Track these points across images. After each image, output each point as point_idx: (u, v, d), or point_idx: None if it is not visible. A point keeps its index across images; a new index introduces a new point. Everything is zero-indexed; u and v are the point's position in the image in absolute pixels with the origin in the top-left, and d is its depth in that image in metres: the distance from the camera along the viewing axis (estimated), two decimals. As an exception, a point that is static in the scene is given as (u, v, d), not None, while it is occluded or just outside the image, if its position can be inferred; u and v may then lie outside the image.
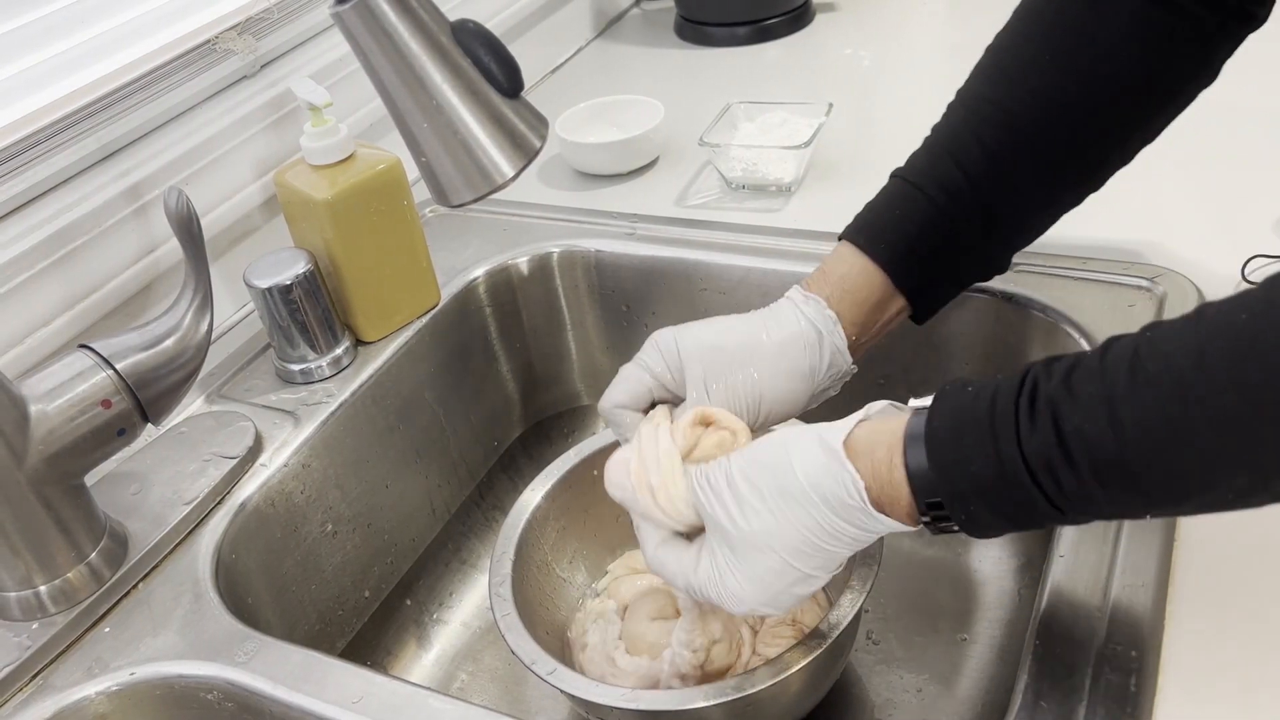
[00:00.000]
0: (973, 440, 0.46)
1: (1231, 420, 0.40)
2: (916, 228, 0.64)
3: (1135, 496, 0.44)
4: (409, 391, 0.83)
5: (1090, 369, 0.44)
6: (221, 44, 0.84)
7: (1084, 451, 0.43)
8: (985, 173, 0.63)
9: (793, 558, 0.51)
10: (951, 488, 0.47)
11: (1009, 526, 0.48)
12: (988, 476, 0.45)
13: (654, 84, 1.20)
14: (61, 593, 0.62)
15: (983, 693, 0.70)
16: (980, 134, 0.63)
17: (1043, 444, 0.43)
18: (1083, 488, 0.43)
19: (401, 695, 0.56)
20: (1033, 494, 0.44)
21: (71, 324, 0.74)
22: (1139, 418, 0.41)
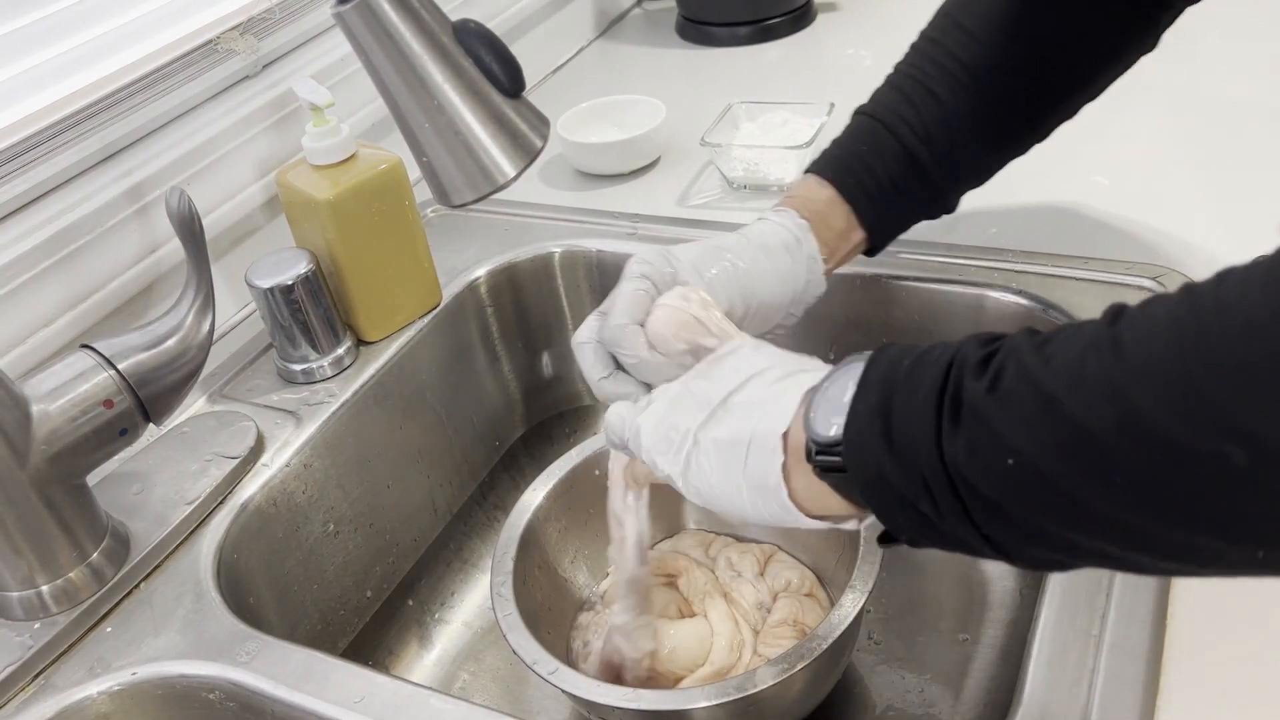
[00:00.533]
0: (919, 352, 0.44)
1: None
2: (881, 164, 0.67)
3: (1026, 425, 0.38)
4: (411, 391, 0.83)
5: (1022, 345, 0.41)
6: (223, 44, 0.84)
7: (1006, 360, 0.40)
8: (943, 115, 0.66)
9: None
10: (867, 378, 0.45)
11: (884, 447, 0.43)
12: (906, 377, 0.43)
13: (655, 84, 1.20)
14: (63, 592, 0.62)
15: (985, 693, 0.70)
16: (939, 79, 0.67)
17: (974, 352, 0.42)
18: (977, 392, 0.40)
19: (403, 695, 0.56)
20: (929, 395, 0.41)
21: (73, 324, 0.74)
22: (1072, 356, 0.38)
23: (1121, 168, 0.88)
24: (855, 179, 0.67)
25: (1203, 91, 0.90)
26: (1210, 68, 1.00)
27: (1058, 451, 0.37)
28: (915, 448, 0.41)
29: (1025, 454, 0.38)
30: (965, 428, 0.40)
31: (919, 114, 0.67)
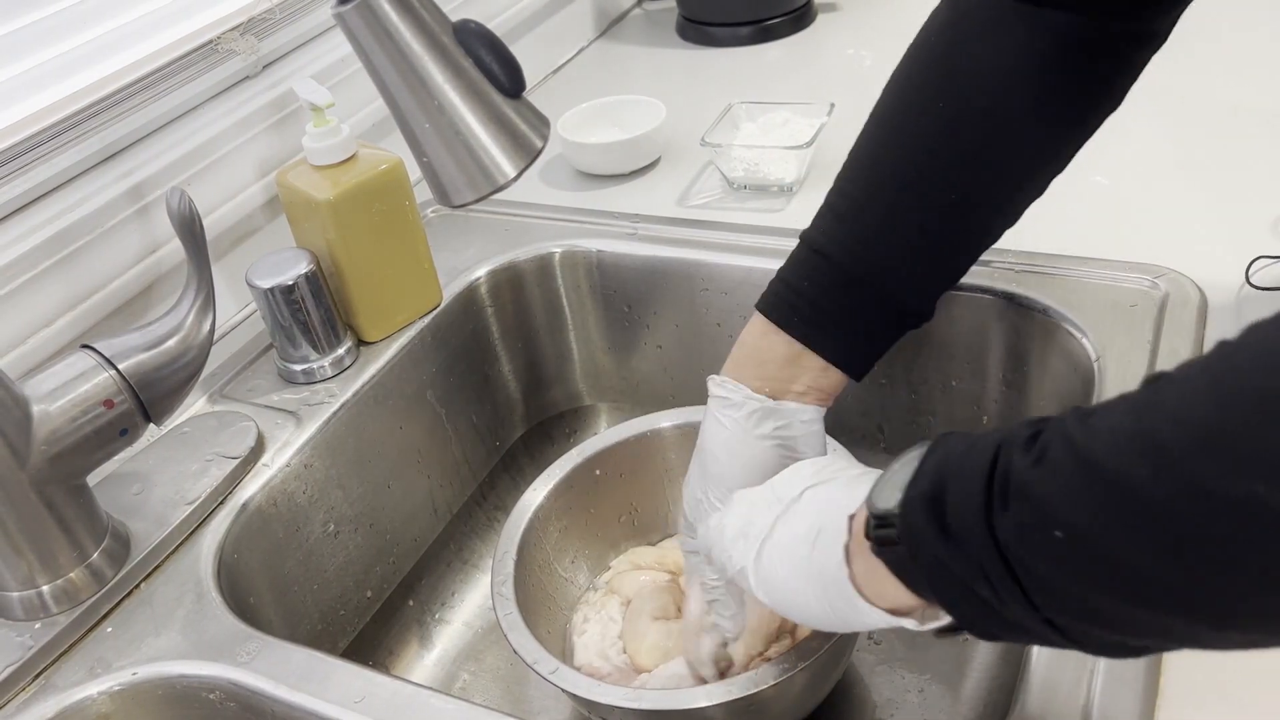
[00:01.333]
0: (975, 439, 0.43)
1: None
2: (823, 293, 0.62)
3: (1075, 499, 0.37)
4: (411, 391, 0.83)
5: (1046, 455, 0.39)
6: (223, 44, 0.84)
7: (1051, 438, 0.38)
8: (884, 233, 0.61)
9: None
10: (928, 580, 0.43)
11: (935, 528, 0.42)
12: (961, 460, 0.42)
13: (656, 84, 1.20)
14: (64, 592, 0.62)
15: (985, 693, 0.70)
16: (875, 193, 0.62)
17: (1019, 434, 0.40)
18: (1025, 469, 0.38)
19: (403, 695, 0.56)
20: (980, 474, 0.40)
21: (74, 324, 0.74)
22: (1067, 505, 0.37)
23: (1121, 168, 0.88)
24: (800, 315, 0.62)
25: (1202, 92, 0.90)
26: (1209, 68, 1.00)
27: (1101, 514, 0.36)
28: (969, 531, 0.40)
29: (1071, 523, 0.37)
30: (1014, 505, 0.39)
31: (855, 233, 0.62)
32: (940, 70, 0.61)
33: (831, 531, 0.48)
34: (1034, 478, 0.38)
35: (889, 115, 0.64)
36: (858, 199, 0.63)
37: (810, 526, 0.50)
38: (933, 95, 0.61)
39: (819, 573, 0.48)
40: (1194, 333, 0.70)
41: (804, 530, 0.50)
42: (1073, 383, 0.73)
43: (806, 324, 0.62)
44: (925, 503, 0.42)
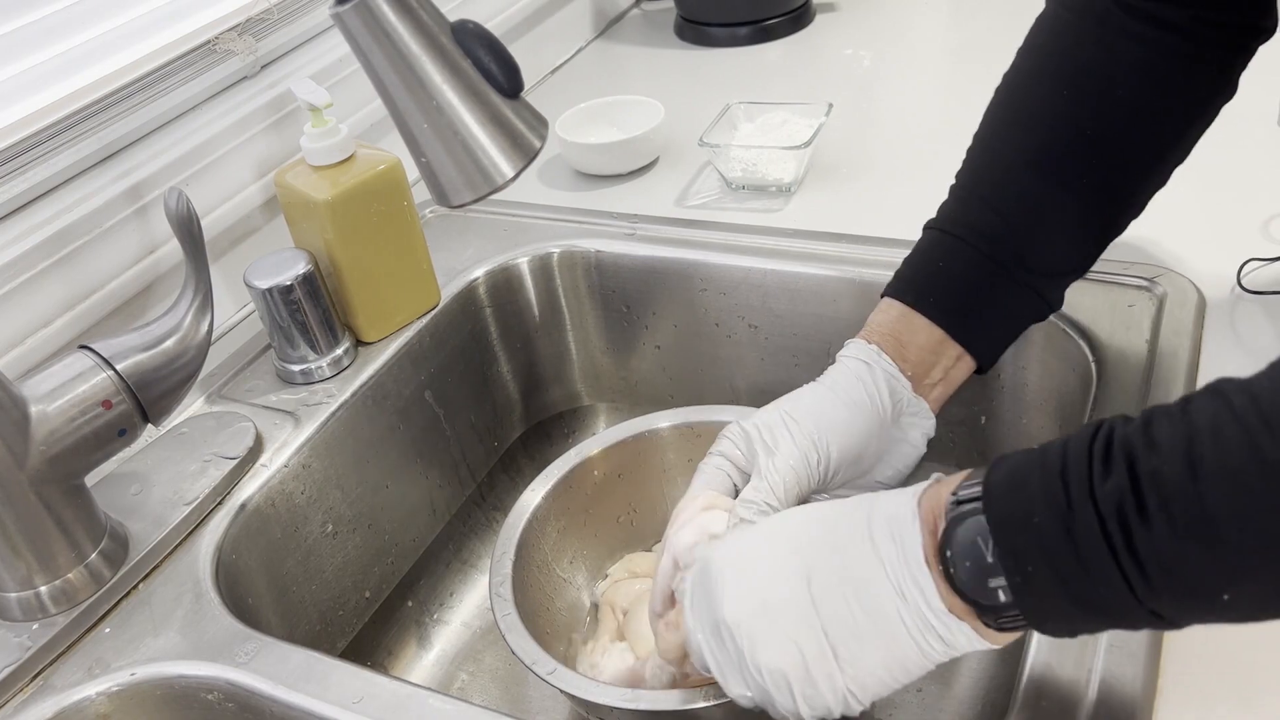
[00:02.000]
0: (1038, 488, 0.41)
1: None
2: (962, 277, 0.62)
3: (1212, 554, 0.37)
4: (409, 392, 0.83)
5: (1171, 414, 0.39)
6: (222, 45, 0.84)
7: (1157, 496, 0.37)
8: (1021, 214, 0.62)
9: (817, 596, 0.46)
10: (1008, 544, 0.41)
11: (1070, 602, 0.41)
12: (1053, 527, 0.40)
13: (654, 84, 1.20)
14: (62, 593, 0.62)
15: (983, 692, 0.70)
16: (1012, 178, 0.62)
17: (1115, 488, 0.38)
18: (1154, 540, 0.37)
19: (402, 695, 0.56)
20: (1100, 550, 0.38)
21: (72, 325, 0.74)
22: (1219, 457, 0.36)
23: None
24: (937, 298, 0.63)
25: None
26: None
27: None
28: (1112, 608, 0.40)
29: (1240, 586, 0.37)
30: (1160, 585, 0.38)
31: (987, 219, 0.62)
32: (1068, 64, 0.62)
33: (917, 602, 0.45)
34: (1176, 556, 0.37)
35: (1017, 107, 0.64)
36: (995, 187, 0.63)
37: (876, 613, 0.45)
38: (1062, 88, 0.62)
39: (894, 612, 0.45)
40: (1192, 333, 0.70)
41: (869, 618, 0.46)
42: (1071, 383, 0.73)
43: (949, 309, 0.62)
44: (1048, 591, 0.41)
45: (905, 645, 0.45)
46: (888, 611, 0.45)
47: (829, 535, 0.48)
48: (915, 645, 0.45)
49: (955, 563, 0.43)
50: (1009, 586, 0.42)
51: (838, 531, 0.48)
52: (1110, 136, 0.61)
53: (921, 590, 0.44)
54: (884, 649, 0.45)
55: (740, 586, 0.49)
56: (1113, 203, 0.63)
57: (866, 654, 0.46)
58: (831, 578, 0.46)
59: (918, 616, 0.44)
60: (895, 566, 0.45)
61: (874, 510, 0.47)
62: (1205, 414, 0.38)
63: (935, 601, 0.44)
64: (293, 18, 0.91)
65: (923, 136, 0.99)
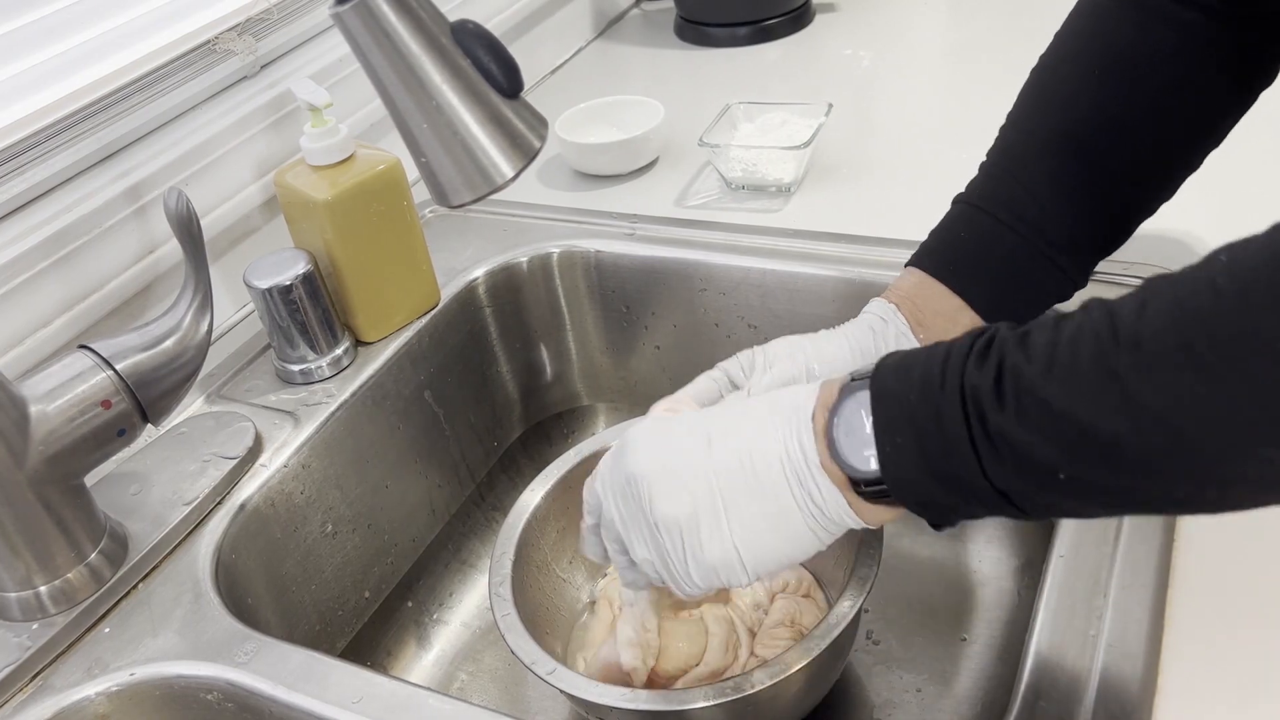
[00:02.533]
0: (920, 370, 0.45)
1: (1166, 365, 0.37)
2: (989, 251, 0.63)
3: (1051, 436, 0.41)
4: (409, 392, 0.83)
5: (1046, 322, 0.43)
6: (221, 44, 0.84)
7: (1014, 386, 0.41)
8: (1048, 192, 0.62)
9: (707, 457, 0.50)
10: (883, 415, 0.46)
11: (927, 475, 0.45)
12: (922, 404, 0.44)
13: (654, 84, 1.20)
14: (61, 593, 0.62)
15: (983, 693, 0.70)
16: (1041, 155, 0.63)
17: (981, 380, 0.42)
18: (1004, 423, 0.41)
19: (401, 695, 0.56)
20: (959, 427, 0.43)
21: (71, 324, 0.74)
22: (1072, 361, 0.40)
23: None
24: (958, 266, 0.64)
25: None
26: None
27: (1118, 385, 0.39)
28: (963, 481, 0.44)
29: (1072, 473, 0.41)
30: (1007, 463, 0.42)
31: (1020, 197, 0.63)
32: (1104, 45, 0.62)
33: (805, 467, 0.49)
34: (1017, 433, 0.41)
35: (1050, 87, 0.64)
36: (1023, 165, 0.63)
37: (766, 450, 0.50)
38: (1095, 70, 0.62)
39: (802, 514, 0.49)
40: (1191, 333, 0.70)
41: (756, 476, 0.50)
42: (1070, 383, 0.73)
43: (968, 278, 0.63)
44: (908, 460, 0.45)
45: (787, 503, 0.49)
46: (774, 468, 0.49)
47: (737, 411, 0.52)
48: (796, 506, 0.49)
49: (837, 431, 0.47)
50: (878, 456, 0.46)
51: (746, 408, 0.52)
52: (1142, 120, 0.61)
53: (804, 450, 0.48)
54: (769, 506, 0.49)
55: (649, 448, 0.53)
56: (1141, 185, 0.64)
57: (753, 508, 0.50)
58: (730, 440, 0.51)
59: (799, 474, 0.48)
60: (786, 430, 0.49)
61: (781, 393, 0.51)
62: (1070, 324, 0.41)
63: (814, 460, 0.48)
64: (292, 18, 0.91)
65: (922, 136, 0.99)
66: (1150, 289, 0.39)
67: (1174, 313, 0.38)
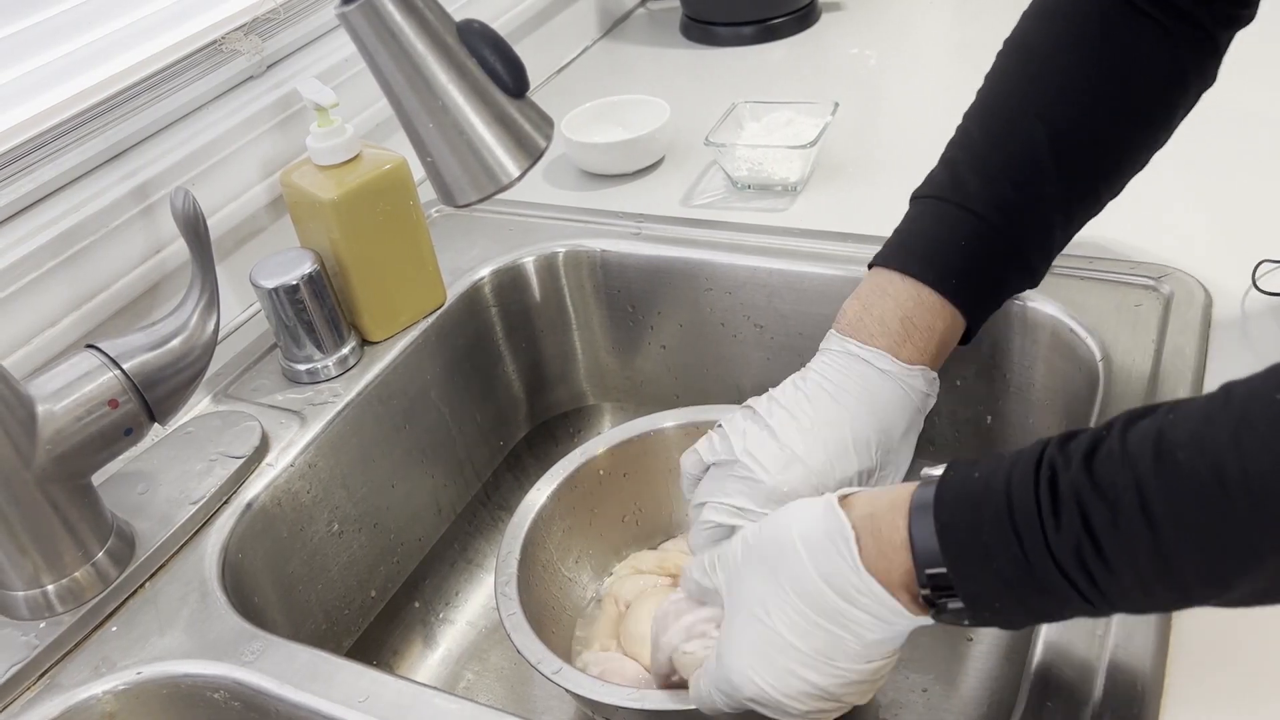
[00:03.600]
0: (993, 535, 0.43)
1: (1273, 503, 0.37)
2: (962, 245, 0.62)
3: (1172, 587, 0.41)
4: (415, 391, 0.83)
5: (1112, 454, 0.41)
6: (228, 44, 0.85)
7: (1116, 546, 0.40)
8: (1014, 186, 0.62)
9: (784, 627, 0.49)
10: (972, 585, 0.44)
11: (1037, 620, 0.46)
12: (1014, 574, 0.43)
13: (660, 84, 1.20)
14: (69, 592, 0.62)
15: (989, 693, 0.70)
16: (1001, 150, 0.63)
17: (1072, 542, 0.41)
18: (1117, 582, 0.41)
19: (407, 695, 0.56)
20: (1066, 592, 0.42)
21: (79, 324, 0.74)
22: (1173, 507, 0.39)
23: (1126, 167, 0.88)
24: (939, 266, 0.62)
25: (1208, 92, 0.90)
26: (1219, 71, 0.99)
27: (1176, 500, 0.39)
28: (1066, 616, 0.46)
29: (1192, 602, 0.42)
30: (1120, 607, 0.44)
31: (981, 186, 0.63)
32: (1064, 47, 0.63)
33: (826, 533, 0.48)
34: (1090, 471, 0.41)
35: (1009, 86, 0.65)
36: (987, 158, 0.64)
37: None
38: (1055, 71, 0.63)
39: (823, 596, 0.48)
40: (1199, 332, 0.70)
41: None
42: (1077, 382, 0.73)
43: (944, 274, 0.62)
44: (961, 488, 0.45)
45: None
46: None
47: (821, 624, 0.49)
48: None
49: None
50: (983, 623, 0.46)
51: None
52: (1102, 118, 0.62)
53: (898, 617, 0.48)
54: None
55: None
56: (1098, 185, 0.65)
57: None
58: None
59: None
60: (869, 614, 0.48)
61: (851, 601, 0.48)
62: (1147, 458, 0.40)
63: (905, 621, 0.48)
64: (299, 17, 0.91)
65: (929, 135, 0.98)
66: (1234, 407, 0.39)
67: (1272, 441, 0.37)
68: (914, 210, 0.66)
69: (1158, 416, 0.41)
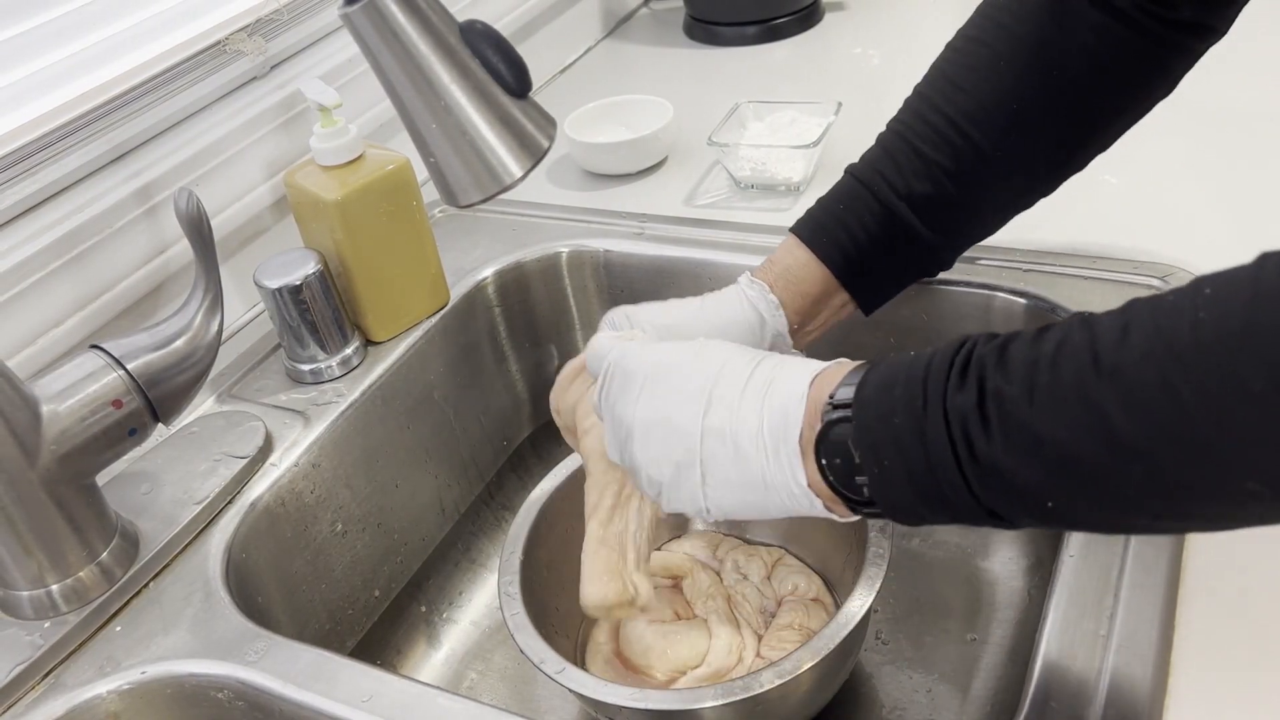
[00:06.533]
0: (901, 391, 0.45)
1: (1146, 399, 0.37)
2: (860, 225, 0.66)
3: (1040, 470, 0.41)
4: (419, 391, 0.83)
5: (1025, 339, 0.43)
6: (231, 45, 0.85)
7: (998, 413, 0.41)
8: (935, 175, 0.64)
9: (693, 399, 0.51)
10: (869, 438, 0.45)
11: (916, 497, 0.45)
12: (909, 429, 0.44)
13: (663, 84, 1.20)
14: (73, 591, 0.62)
15: (993, 693, 0.70)
16: (932, 136, 0.64)
17: (964, 402, 0.42)
18: (991, 453, 0.42)
19: (411, 694, 0.56)
20: (945, 455, 0.43)
21: (83, 324, 0.75)
22: (1053, 383, 0.40)
23: (1129, 167, 0.88)
24: (831, 238, 0.66)
25: (1211, 92, 0.90)
26: (1218, 69, 0.99)
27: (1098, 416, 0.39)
28: (951, 503, 0.44)
29: (1061, 499, 0.41)
30: (995, 488, 0.43)
31: (899, 170, 0.65)
32: (1011, 37, 0.63)
33: (790, 422, 0.49)
34: (1003, 461, 0.41)
35: (959, 69, 0.65)
36: (911, 143, 0.65)
37: (766, 427, 0.50)
38: (1001, 59, 0.63)
39: (771, 468, 0.50)
40: (1203, 332, 0.69)
41: (759, 433, 0.50)
42: (1081, 382, 0.73)
43: (846, 257, 0.66)
44: (881, 384, 0.46)
45: (766, 500, 0.50)
46: (757, 476, 0.50)
47: (732, 386, 0.51)
48: (777, 503, 0.50)
49: (827, 458, 0.47)
50: (868, 480, 0.46)
51: (742, 385, 0.51)
52: (1042, 115, 0.62)
53: (794, 474, 0.49)
54: (747, 498, 0.51)
55: (649, 394, 0.53)
56: (1028, 181, 0.66)
57: (731, 496, 0.51)
58: (724, 428, 0.50)
59: (786, 487, 0.49)
60: (774, 447, 0.49)
61: (773, 383, 0.50)
62: (1050, 343, 0.41)
63: (801, 480, 0.49)
64: (302, 18, 0.91)
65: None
66: (1132, 312, 0.40)
67: (1154, 345, 0.38)
68: (842, 184, 0.68)
69: (1073, 316, 0.42)
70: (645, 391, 0.53)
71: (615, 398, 0.54)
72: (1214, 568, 0.56)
